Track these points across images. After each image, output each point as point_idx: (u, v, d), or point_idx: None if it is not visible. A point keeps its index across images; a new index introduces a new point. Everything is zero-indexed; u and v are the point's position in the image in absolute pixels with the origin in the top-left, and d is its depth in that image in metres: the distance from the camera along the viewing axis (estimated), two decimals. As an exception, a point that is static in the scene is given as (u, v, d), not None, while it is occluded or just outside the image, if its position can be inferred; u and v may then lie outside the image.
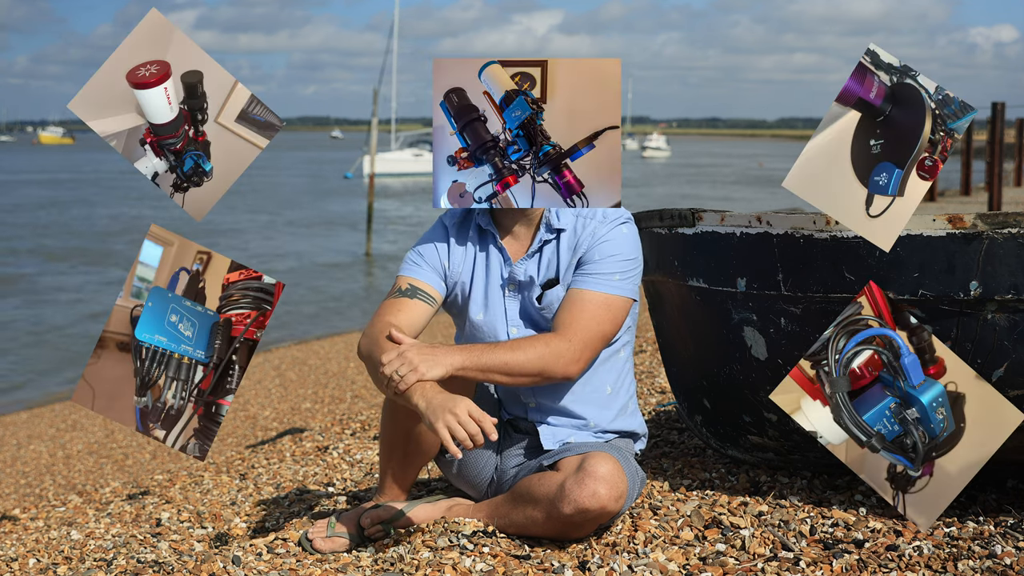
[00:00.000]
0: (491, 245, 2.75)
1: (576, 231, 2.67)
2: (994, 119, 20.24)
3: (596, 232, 2.64)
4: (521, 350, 2.52)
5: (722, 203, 33.99)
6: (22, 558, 3.10)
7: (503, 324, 2.70)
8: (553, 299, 2.66)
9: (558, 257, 2.68)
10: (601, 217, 2.66)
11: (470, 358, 2.48)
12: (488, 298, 2.72)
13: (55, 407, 10.59)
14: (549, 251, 2.69)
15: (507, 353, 2.51)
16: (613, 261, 2.61)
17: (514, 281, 2.70)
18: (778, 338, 2.74)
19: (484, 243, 2.76)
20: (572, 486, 2.46)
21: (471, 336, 2.75)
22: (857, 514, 2.73)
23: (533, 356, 2.51)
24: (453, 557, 2.46)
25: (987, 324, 2.47)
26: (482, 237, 2.76)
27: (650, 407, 4.31)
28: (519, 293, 2.71)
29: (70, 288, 19.24)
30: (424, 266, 2.73)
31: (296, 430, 5.63)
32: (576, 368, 2.57)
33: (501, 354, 2.50)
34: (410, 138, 61.60)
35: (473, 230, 2.77)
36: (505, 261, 2.72)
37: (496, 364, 2.49)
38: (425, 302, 2.68)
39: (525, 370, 2.51)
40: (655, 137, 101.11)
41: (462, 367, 2.46)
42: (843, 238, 2.56)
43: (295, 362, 11.14)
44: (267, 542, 2.70)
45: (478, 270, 2.74)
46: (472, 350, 2.50)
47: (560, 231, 2.68)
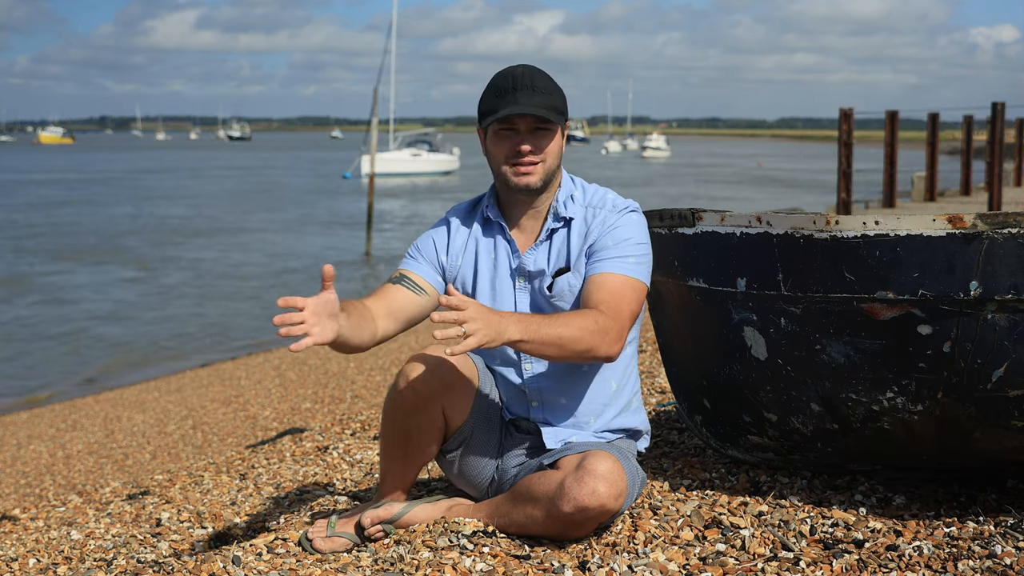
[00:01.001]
0: (499, 236, 2.75)
1: (586, 220, 2.68)
2: (994, 119, 20.24)
3: (607, 220, 2.66)
4: (573, 325, 2.47)
5: (722, 203, 33.99)
6: (22, 558, 3.10)
7: None
8: (564, 287, 2.66)
9: (568, 245, 2.69)
10: (611, 206, 2.69)
11: (528, 331, 2.41)
12: (496, 290, 2.72)
13: (55, 407, 10.60)
14: (559, 240, 2.70)
15: (561, 327, 2.46)
16: (627, 244, 2.63)
17: (523, 272, 2.71)
18: (778, 338, 2.74)
19: (491, 234, 2.76)
20: (572, 484, 2.46)
21: None
22: (857, 514, 2.73)
23: (584, 332, 2.47)
24: (453, 557, 2.46)
25: (987, 324, 2.47)
26: (489, 228, 2.77)
27: (650, 407, 4.31)
28: (528, 283, 2.71)
29: (84, 286, 19.27)
30: (419, 259, 2.75)
31: (296, 430, 5.63)
32: (618, 347, 2.53)
33: (556, 328, 2.45)
34: (408, 138, 61.65)
35: (479, 222, 2.78)
36: (513, 252, 2.73)
37: (552, 338, 2.44)
38: (410, 289, 2.68)
39: (575, 346, 2.47)
40: (655, 137, 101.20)
41: (520, 339, 2.40)
42: (843, 238, 2.56)
43: (295, 362, 11.14)
44: (267, 542, 2.70)
45: (484, 261, 2.74)
46: (528, 322, 2.43)
47: (569, 220, 2.70)
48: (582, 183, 2.78)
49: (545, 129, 2.63)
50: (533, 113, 2.58)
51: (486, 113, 2.66)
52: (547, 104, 2.62)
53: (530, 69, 2.67)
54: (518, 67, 2.67)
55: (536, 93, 2.62)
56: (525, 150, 2.63)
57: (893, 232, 2.50)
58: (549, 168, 2.66)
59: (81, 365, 13.08)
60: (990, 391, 2.51)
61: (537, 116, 2.60)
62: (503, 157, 2.66)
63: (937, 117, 22.51)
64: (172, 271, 21.32)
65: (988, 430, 2.59)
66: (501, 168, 2.67)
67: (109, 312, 16.69)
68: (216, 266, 21.99)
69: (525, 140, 2.63)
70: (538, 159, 2.64)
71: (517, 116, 2.61)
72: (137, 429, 8.48)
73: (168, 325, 15.59)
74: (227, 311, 16.75)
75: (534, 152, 2.63)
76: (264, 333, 14.79)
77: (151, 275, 20.86)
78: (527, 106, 2.59)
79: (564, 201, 2.71)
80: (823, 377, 2.69)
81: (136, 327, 15.48)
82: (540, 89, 2.63)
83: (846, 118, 18.42)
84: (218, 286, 19.34)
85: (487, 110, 2.65)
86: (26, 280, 20.14)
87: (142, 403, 9.91)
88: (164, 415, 8.95)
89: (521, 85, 2.62)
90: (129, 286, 19.52)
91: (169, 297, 18.16)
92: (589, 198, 2.73)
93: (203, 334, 14.92)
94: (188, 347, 13.97)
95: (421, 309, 2.70)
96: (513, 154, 2.64)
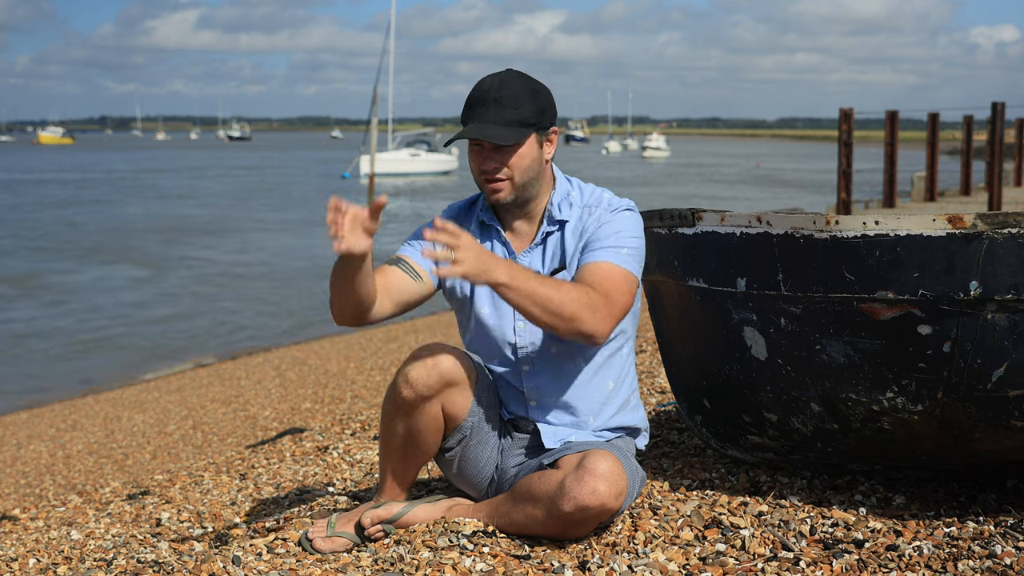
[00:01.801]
0: (494, 239, 2.75)
1: (582, 219, 2.69)
2: (994, 119, 20.25)
3: (601, 217, 2.66)
4: (564, 290, 2.48)
5: (722, 203, 34.00)
6: (22, 558, 3.10)
7: (510, 318, 2.71)
8: None
9: (563, 246, 2.69)
10: (607, 205, 2.69)
11: (515, 278, 2.43)
12: (494, 292, 2.73)
13: (55, 407, 10.60)
14: (553, 242, 2.70)
15: (550, 288, 2.46)
16: (619, 236, 2.62)
17: None
18: (778, 338, 2.74)
19: (488, 237, 2.76)
20: (572, 483, 2.46)
21: (479, 332, 2.75)
22: (857, 514, 2.74)
23: (572, 299, 2.47)
24: (453, 557, 2.46)
25: (987, 324, 2.47)
26: (484, 232, 2.77)
27: (650, 407, 4.31)
28: None
29: (85, 286, 19.27)
30: (417, 247, 2.73)
31: (296, 430, 5.63)
32: (605, 328, 2.52)
33: (544, 287, 2.46)
34: (407, 138, 61.70)
35: (475, 225, 2.77)
36: (509, 254, 2.73)
37: (537, 294, 2.44)
38: (406, 272, 2.67)
39: (561, 311, 2.46)
40: (655, 137, 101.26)
41: (504, 283, 2.41)
42: (843, 238, 2.56)
43: (295, 362, 11.14)
44: (267, 542, 2.70)
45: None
46: (518, 271, 2.45)
47: (563, 223, 2.70)
48: (579, 183, 2.77)
49: (508, 145, 2.60)
50: (478, 137, 2.57)
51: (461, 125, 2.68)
52: (511, 118, 2.59)
53: (503, 78, 2.64)
54: (492, 77, 2.65)
55: (501, 107, 2.59)
56: (488, 168, 2.63)
57: (893, 232, 2.50)
58: (520, 182, 2.64)
59: (81, 365, 13.08)
60: (990, 391, 2.51)
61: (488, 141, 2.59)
62: (476, 172, 2.67)
63: (937, 117, 22.52)
64: (174, 271, 21.33)
65: (988, 430, 2.59)
66: (477, 182, 2.69)
67: (109, 312, 16.70)
68: (217, 266, 22.00)
69: (490, 158, 2.63)
70: (504, 176, 2.63)
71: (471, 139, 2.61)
72: (137, 429, 8.48)
73: (168, 325, 15.60)
74: (227, 311, 16.76)
75: (497, 169, 2.62)
76: (264, 333, 14.80)
77: (155, 274, 20.87)
78: (481, 128, 2.58)
79: (559, 204, 2.70)
80: (823, 377, 2.69)
81: (136, 327, 15.49)
82: (507, 102, 2.59)
83: (846, 118, 18.43)
84: (219, 286, 19.34)
85: (462, 122, 2.67)
86: (36, 278, 20.15)
87: (142, 403, 9.91)
88: (164, 415, 8.96)
89: (484, 100, 2.60)
90: (132, 286, 19.52)
91: (169, 297, 18.17)
92: (586, 198, 2.73)
93: (203, 334, 14.93)
94: (188, 347, 13.98)
95: (417, 294, 2.68)
96: (481, 171, 2.65)
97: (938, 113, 22.54)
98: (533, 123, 2.62)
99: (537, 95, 2.64)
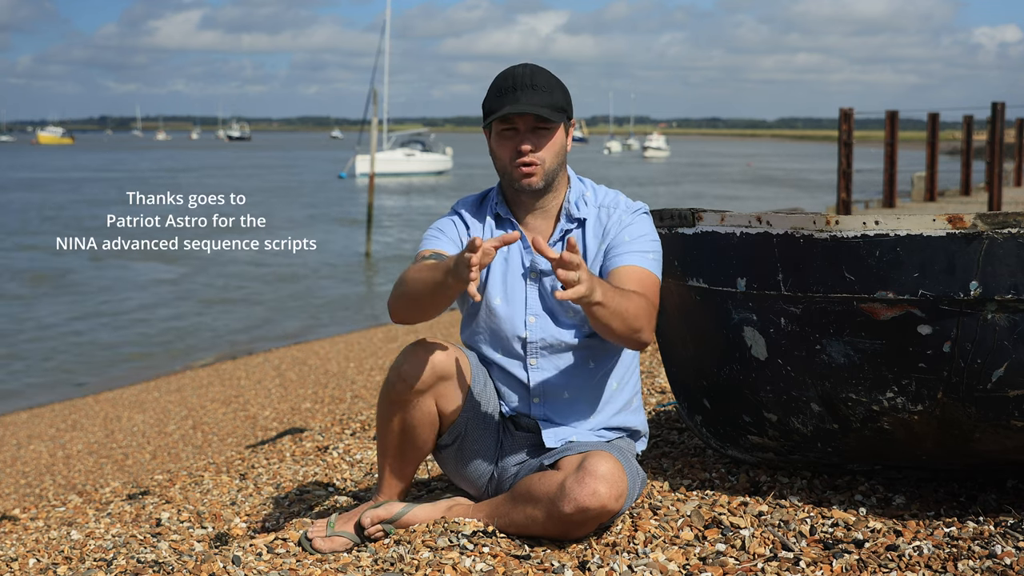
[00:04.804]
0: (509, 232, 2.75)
1: (601, 220, 2.71)
2: (994, 119, 20.24)
3: (622, 219, 2.69)
4: (634, 302, 2.48)
5: (722, 203, 33.99)
6: (22, 558, 3.10)
7: (522, 312, 2.70)
8: None
9: (584, 245, 2.70)
10: (625, 206, 2.72)
11: (607, 297, 2.40)
12: (507, 285, 2.72)
13: (55, 407, 10.59)
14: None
15: (627, 302, 2.47)
16: (644, 240, 2.66)
17: (536, 270, 2.71)
18: (778, 338, 2.74)
19: (504, 230, 2.76)
20: (572, 485, 2.46)
21: (487, 322, 2.74)
22: (857, 514, 2.73)
23: (640, 311, 2.49)
24: (453, 557, 2.46)
25: (987, 324, 2.47)
26: (501, 225, 2.77)
27: (650, 407, 4.31)
28: (538, 281, 2.71)
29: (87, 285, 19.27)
30: (443, 238, 2.73)
31: (296, 430, 5.63)
32: (653, 334, 2.56)
33: (625, 301, 2.45)
34: (402, 138, 61.71)
35: (491, 216, 2.78)
36: (526, 249, 2.73)
37: (622, 309, 2.44)
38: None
39: (634, 323, 2.48)
40: (655, 137, 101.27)
41: (601, 303, 2.39)
42: (843, 238, 2.56)
43: (295, 362, 11.14)
44: (267, 542, 2.70)
45: (498, 257, 2.73)
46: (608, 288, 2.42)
47: (582, 220, 2.71)
48: (591, 184, 2.79)
49: (545, 128, 2.64)
50: (529, 112, 2.59)
51: (488, 113, 2.66)
52: (547, 102, 2.62)
53: (532, 68, 2.67)
54: (520, 66, 2.68)
55: (536, 92, 2.62)
56: (525, 149, 2.63)
57: (893, 232, 2.50)
58: (549, 168, 2.66)
59: (82, 365, 13.08)
60: (990, 391, 2.51)
61: (536, 115, 2.61)
62: (507, 158, 2.66)
63: (937, 117, 22.51)
64: (176, 270, 21.32)
65: (988, 430, 2.59)
66: (505, 168, 2.68)
67: (110, 311, 16.69)
68: (218, 266, 21.99)
69: (525, 139, 2.64)
70: (538, 159, 2.64)
71: (516, 115, 2.61)
72: (137, 429, 8.48)
73: (168, 325, 15.60)
74: (227, 311, 16.76)
75: (534, 151, 2.63)
76: (264, 333, 14.79)
77: (157, 273, 20.85)
78: (525, 105, 2.59)
79: (576, 202, 2.72)
80: (823, 377, 2.69)
81: (137, 327, 15.48)
82: (541, 87, 2.63)
83: (846, 118, 18.42)
84: (220, 286, 19.34)
85: (489, 110, 2.66)
86: (45, 278, 20.15)
87: (142, 403, 9.91)
88: (164, 415, 8.95)
89: (521, 84, 2.62)
90: (135, 285, 19.51)
91: (171, 296, 18.16)
92: (601, 199, 2.75)
93: (204, 334, 14.93)
94: (188, 347, 13.98)
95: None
96: (515, 154, 2.65)
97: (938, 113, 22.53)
98: (564, 109, 2.67)
99: (562, 85, 2.70)
